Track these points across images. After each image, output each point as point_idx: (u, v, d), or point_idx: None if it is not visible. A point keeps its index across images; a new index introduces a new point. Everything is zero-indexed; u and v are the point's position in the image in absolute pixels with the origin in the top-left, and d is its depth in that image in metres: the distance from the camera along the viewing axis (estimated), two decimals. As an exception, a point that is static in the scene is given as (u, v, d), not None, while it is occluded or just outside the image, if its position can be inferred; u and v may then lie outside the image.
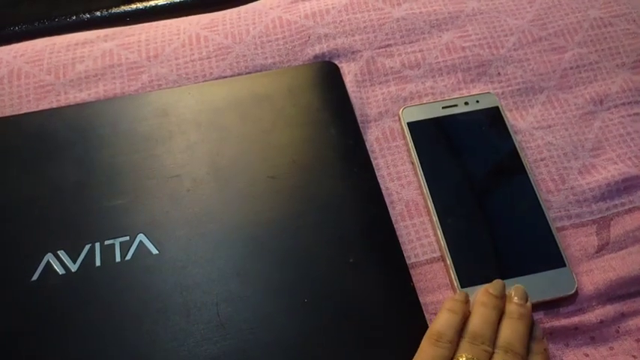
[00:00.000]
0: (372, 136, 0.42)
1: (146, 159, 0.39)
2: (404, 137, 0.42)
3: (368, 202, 0.38)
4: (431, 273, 0.37)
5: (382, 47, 0.46)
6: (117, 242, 0.35)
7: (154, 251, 0.35)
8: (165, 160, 0.39)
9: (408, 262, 0.36)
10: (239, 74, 0.45)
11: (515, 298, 0.34)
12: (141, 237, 0.35)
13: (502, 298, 0.34)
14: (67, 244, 0.35)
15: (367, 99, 0.44)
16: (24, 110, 0.42)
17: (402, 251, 0.36)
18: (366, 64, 0.45)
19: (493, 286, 0.34)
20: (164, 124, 0.40)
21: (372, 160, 0.40)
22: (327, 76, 0.43)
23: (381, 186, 0.39)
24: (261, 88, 0.42)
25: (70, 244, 0.35)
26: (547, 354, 0.33)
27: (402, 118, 0.42)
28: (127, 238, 0.35)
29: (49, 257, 0.34)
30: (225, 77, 0.44)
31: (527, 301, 0.34)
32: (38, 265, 0.34)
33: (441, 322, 0.32)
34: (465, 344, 0.31)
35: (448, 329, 0.31)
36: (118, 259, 0.34)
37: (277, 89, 0.42)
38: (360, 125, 0.42)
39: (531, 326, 0.33)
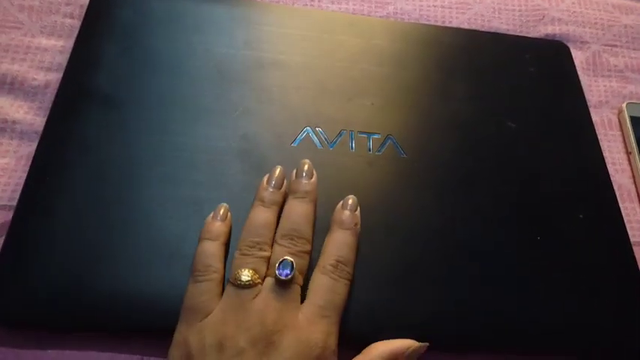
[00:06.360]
0: (590, 120, 0.44)
1: (415, 76, 0.41)
2: (621, 129, 0.44)
3: (593, 168, 0.39)
4: (638, 254, 0.38)
5: (609, 45, 0.48)
6: (370, 137, 0.37)
7: (402, 155, 0.37)
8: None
9: (618, 238, 0.38)
10: (474, 30, 0.47)
11: (305, 176, 0.31)
12: (391, 139, 0.37)
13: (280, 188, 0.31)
14: (324, 125, 0.37)
15: (589, 86, 0.46)
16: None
17: (621, 215, 0.37)
18: (592, 56, 0.47)
19: (272, 176, 0.31)
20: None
21: (590, 139, 0.42)
22: (559, 54, 0.46)
23: (597, 165, 0.41)
24: (500, 49, 0.45)
25: (327, 126, 0.37)
26: (357, 228, 0.30)
27: (624, 111, 0.44)
28: (379, 135, 0.37)
29: (308, 130, 0.37)
30: (461, 29, 0.47)
31: (313, 177, 0.31)
32: (299, 134, 0.36)
33: (202, 251, 0.28)
34: (237, 257, 0.28)
35: (207, 258, 0.28)
36: (369, 151, 0.37)
37: (514, 54, 0.45)
38: (582, 107, 0.44)
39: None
